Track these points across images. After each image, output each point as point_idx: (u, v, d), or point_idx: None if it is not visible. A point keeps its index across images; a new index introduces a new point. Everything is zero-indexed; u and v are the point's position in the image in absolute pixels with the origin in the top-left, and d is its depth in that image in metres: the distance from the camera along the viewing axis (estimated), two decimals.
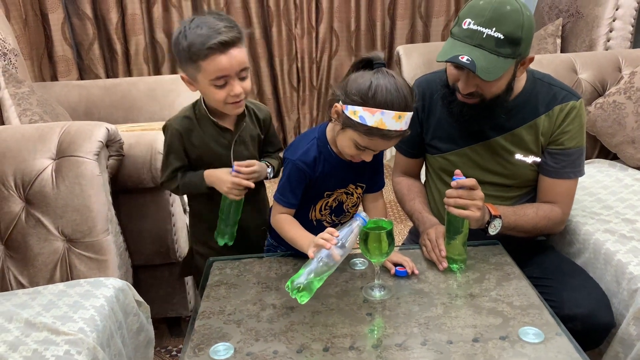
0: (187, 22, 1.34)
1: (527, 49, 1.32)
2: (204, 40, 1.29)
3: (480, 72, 1.27)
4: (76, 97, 2.57)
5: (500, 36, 1.26)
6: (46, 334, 1.27)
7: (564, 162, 1.45)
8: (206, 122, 1.46)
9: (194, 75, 1.36)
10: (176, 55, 1.38)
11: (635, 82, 2.01)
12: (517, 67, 1.36)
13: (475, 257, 1.42)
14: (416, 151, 1.63)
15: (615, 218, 1.65)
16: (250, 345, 1.14)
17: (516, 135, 1.46)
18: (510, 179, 1.50)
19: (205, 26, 1.31)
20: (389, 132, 1.21)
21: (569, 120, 1.43)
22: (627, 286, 1.39)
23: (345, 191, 1.45)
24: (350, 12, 3.65)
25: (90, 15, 3.35)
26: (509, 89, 1.38)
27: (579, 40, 2.71)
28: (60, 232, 1.57)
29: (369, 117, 1.20)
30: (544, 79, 1.48)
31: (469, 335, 1.14)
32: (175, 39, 1.36)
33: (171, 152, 1.48)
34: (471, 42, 1.28)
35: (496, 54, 1.27)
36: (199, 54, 1.31)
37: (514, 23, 1.26)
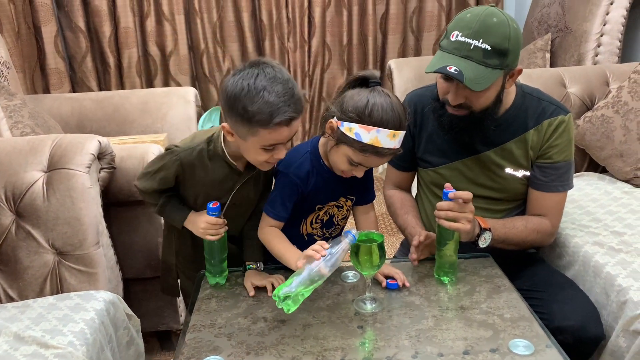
0: (251, 79, 1.21)
1: (514, 61, 1.34)
2: (273, 112, 1.20)
3: (468, 82, 1.28)
4: (68, 110, 2.56)
5: (487, 47, 1.28)
6: (35, 347, 1.26)
7: (553, 176, 1.47)
8: (218, 160, 1.39)
9: (245, 135, 1.26)
10: (228, 107, 1.25)
11: (622, 96, 2.04)
12: (505, 79, 1.37)
13: (466, 269, 1.43)
14: (408, 165, 1.65)
15: (604, 231, 1.67)
16: (241, 359, 1.14)
17: (506, 149, 1.47)
18: (500, 193, 1.51)
19: (274, 93, 1.20)
20: (383, 150, 1.24)
21: (557, 134, 1.45)
22: (616, 298, 1.40)
23: (336, 204, 1.46)
24: (343, 26, 3.68)
25: (83, 28, 3.36)
26: (498, 101, 1.39)
27: (568, 54, 2.75)
28: (50, 245, 1.56)
29: (364, 135, 1.23)
30: (533, 93, 1.50)
31: (460, 347, 1.14)
32: (234, 93, 1.22)
33: (162, 174, 1.39)
34: (459, 53, 1.30)
35: (484, 64, 1.29)
36: (264, 123, 1.21)
37: (501, 34, 1.29)
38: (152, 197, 1.45)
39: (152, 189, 1.42)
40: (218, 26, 3.60)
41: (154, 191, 1.43)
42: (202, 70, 3.66)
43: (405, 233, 1.60)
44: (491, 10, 1.31)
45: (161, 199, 1.44)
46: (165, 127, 2.55)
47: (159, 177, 1.40)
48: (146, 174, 1.42)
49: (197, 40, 3.58)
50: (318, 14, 3.62)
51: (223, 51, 3.67)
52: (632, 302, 1.35)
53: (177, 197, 1.46)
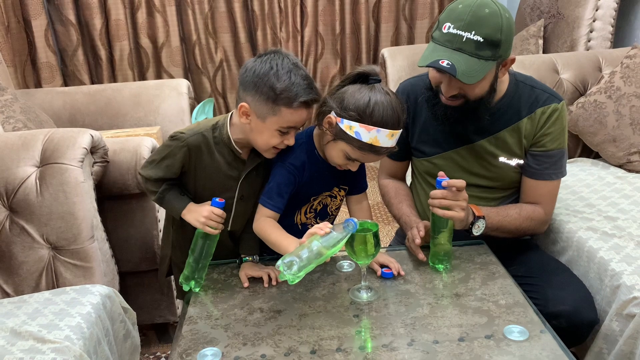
0: (278, 59, 1.29)
1: (507, 51, 1.34)
2: (300, 92, 1.27)
3: (461, 75, 1.28)
4: (60, 104, 2.55)
5: (479, 39, 1.27)
6: (32, 342, 1.26)
7: (546, 164, 1.47)
8: (223, 148, 1.40)
9: (265, 115, 1.29)
10: (253, 86, 1.29)
11: (615, 82, 2.04)
12: (498, 69, 1.37)
13: (461, 257, 1.43)
14: (402, 154, 1.64)
15: (598, 216, 1.68)
16: (238, 350, 1.14)
17: (500, 138, 1.48)
18: (494, 181, 1.52)
19: (299, 76, 1.28)
20: (381, 149, 1.28)
21: (550, 122, 1.45)
22: (610, 283, 1.41)
23: (329, 194, 1.47)
24: (335, 15, 3.66)
25: (74, 21, 3.34)
26: (492, 91, 1.39)
27: (561, 40, 2.74)
28: (45, 240, 1.56)
29: (364, 134, 1.25)
30: (526, 81, 1.50)
31: (455, 334, 1.15)
32: (262, 72, 1.28)
33: (168, 161, 1.39)
34: (451, 46, 1.30)
35: (476, 57, 1.29)
36: (289, 102, 1.27)
37: (493, 26, 1.28)
38: (154, 185, 1.43)
39: (156, 177, 1.41)
40: (210, 17, 3.58)
41: (157, 179, 1.42)
42: (195, 61, 3.64)
43: (400, 222, 1.60)
44: (483, 2, 1.29)
45: (162, 186, 1.43)
46: (158, 119, 2.54)
47: (165, 164, 1.40)
48: (152, 162, 1.42)
49: (188, 32, 3.56)
50: (310, 3, 3.60)
51: (215, 42, 3.65)
52: (625, 286, 1.36)
53: (179, 187, 1.45)
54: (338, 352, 1.12)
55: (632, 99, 2.00)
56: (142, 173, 1.44)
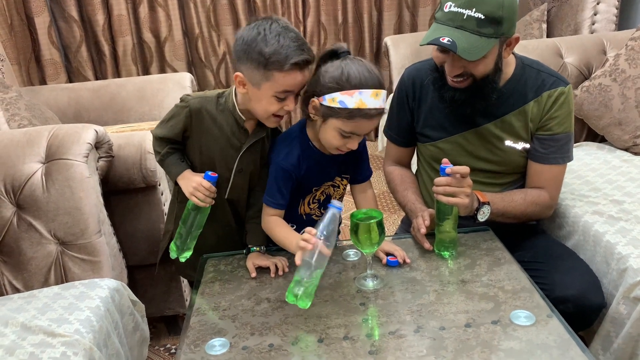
0: (265, 24, 1.27)
1: (510, 29, 1.33)
2: (290, 54, 1.24)
3: (462, 52, 1.28)
4: (65, 101, 2.56)
5: (480, 16, 1.27)
6: (42, 336, 1.27)
7: (552, 148, 1.47)
8: (227, 115, 1.40)
9: (259, 81, 1.29)
10: (243, 54, 1.28)
11: (620, 65, 2.02)
12: (502, 47, 1.36)
13: (466, 243, 1.43)
14: (407, 140, 1.64)
15: (604, 200, 1.67)
16: (246, 340, 1.15)
17: (506, 121, 1.47)
18: (500, 166, 1.51)
19: (288, 38, 1.26)
20: (370, 111, 1.25)
21: (557, 106, 1.44)
22: (616, 266, 1.41)
23: (332, 184, 1.47)
24: (337, 4, 3.64)
25: (77, 17, 3.34)
26: (497, 70, 1.38)
27: (564, 24, 2.72)
28: (52, 235, 1.57)
29: (348, 100, 1.24)
30: (533, 65, 1.49)
31: (462, 320, 1.15)
32: (250, 38, 1.27)
33: (173, 122, 1.42)
34: (453, 24, 1.30)
35: (478, 34, 1.29)
36: (279, 65, 1.25)
37: (494, 3, 1.28)
38: (159, 145, 1.45)
39: (161, 135, 1.44)
40: (212, 10, 3.57)
41: (162, 138, 1.44)
42: (198, 55, 3.64)
43: (406, 209, 1.60)
44: None
45: (165, 148, 1.45)
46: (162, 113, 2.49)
47: (170, 124, 1.43)
48: (160, 123, 1.46)
49: (191, 25, 3.56)
50: None
51: (218, 35, 3.65)
52: (632, 270, 1.36)
53: (182, 153, 1.47)
54: (345, 340, 1.13)
55: (637, 81, 1.99)
56: (152, 132, 1.47)
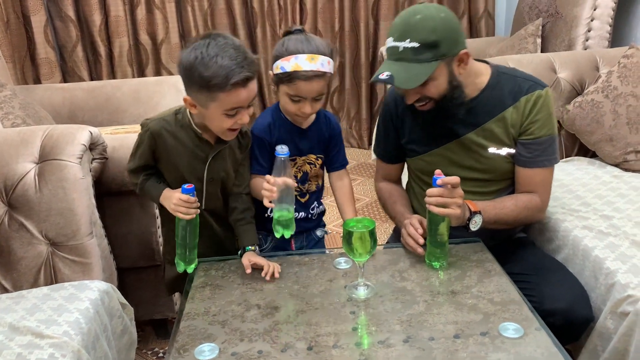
0: (203, 48, 1.28)
1: (452, 48, 1.37)
2: (228, 74, 1.26)
3: (400, 83, 1.35)
4: (59, 100, 2.55)
5: (415, 45, 1.33)
6: (30, 337, 1.27)
7: (537, 151, 1.48)
8: (186, 131, 1.43)
9: (206, 103, 1.32)
10: (186, 78, 1.33)
11: (612, 81, 2.05)
12: (451, 66, 1.40)
13: (457, 254, 1.44)
14: (395, 156, 1.68)
15: (594, 214, 1.69)
16: (235, 346, 1.15)
17: (486, 129, 1.49)
18: (487, 173, 1.53)
19: (226, 57, 1.27)
20: (306, 72, 1.39)
21: (536, 109, 1.46)
22: (605, 281, 1.42)
23: (307, 161, 1.59)
24: (334, 12, 3.67)
25: (73, 17, 3.34)
26: (454, 87, 1.41)
27: (559, 39, 2.75)
28: (43, 236, 1.56)
29: (286, 64, 1.40)
30: (508, 72, 1.53)
31: (451, 331, 1.16)
32: (189, 63, 1.29)
33: (141, 149, 1.45)
34: (393, 57, 1.37)
35: (417, 61, 1.34)
36: (221, 87, 1.27)
37: (426, 29, 1.33)
38: (135, 177, 1.49)
39: (135, 167, 1.47)
40: (209, 14, 3.58)
41: (136, 169, 1.48)
42: None
43: (396, 221, 1.62)
44: (415, 8, 1.37)
45: (141, 177, 1.47)
46: None
47: (139, 153, 1.46)
48: (130, 157, 1.50)
49: (188, 29, 3.57)
50: (310, 0, 3.60)
51: None
52: (620, 285, 1.37)
53: (157, 176, 1.49)
54: (334, 348, 1.13)
55: (629, 98, 2.01)
56: (127, 169, 1.51)
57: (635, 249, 1.49)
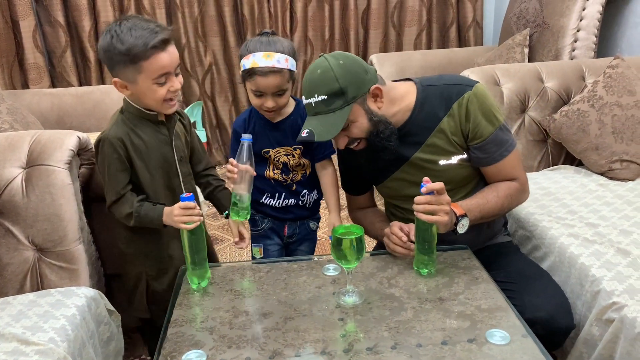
0: (115, 27, 1.34)
1: (359, 89, 1.40)
2: (145, 40, 1.32)
3: (319, 137, 1.40)
4: (48, 105, 2.54)
5: (324, 97, 1.39)
6: (15, 344, 1.25)
7: (493, 148, 1.49)
8: (142, 121, 1.46)
9: (134, 77, 1.36)
10: (108, 61, 1.37)
11: (598, 91, 2.08)
12: (366, 105, 1.43)
13: (445, 261, 1.45)
14: (361, 188, 1.72)
15: (580, 222, 1.71)
16: (223, 352, 1.15)
17: (430, 145, 1.50)
18: (447, 184, 1.50)
19: (139, 28, 1.33)
20: (262, 69, 1.52)
21: (472, 112, 1.46)
22: (590, 288, 1.44)
23: (284, 152, 1.68)
24: (325, 21, 3.69)
25: (63, 22, 3.33)
26: (377, 122, 1.44)
27: (546, 49, 2.79)
28: (30, 242, 1.55)
29: (246, 62, 1.55)
30: (434, 82, 1.53)
31: (438, 338, 1.16)
32: (107, 44, 1.34)
33: (114, 166, 1.43)
34: (311, 113, 1.44)
35: (331, 112, 1.40)
36: (142, 55, 1.33)
37: (327, 81, 1.38)
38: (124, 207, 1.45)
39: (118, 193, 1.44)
40: (199, 21, 3.59)
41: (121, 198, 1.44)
42: (184, 64, 3.64)
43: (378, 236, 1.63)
44: (314, 65, 1.43)
45: (133, 206, 1.44)
46: None
47: (114, 172, 1.43)
48: (106, 189, 1.46)
49: (178, 35, 3.56)
50: (300, 8, 3.62)
51: (205, 46, 3.66)
52: (605, 292, 1.39)
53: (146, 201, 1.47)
54: (323, 355, 1.13)
55: (614, 108, 2.04)
56: (108, 205, 1.47)
57: (620, 257, 1.50)
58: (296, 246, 1.83)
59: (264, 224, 1.78)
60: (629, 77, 2.08)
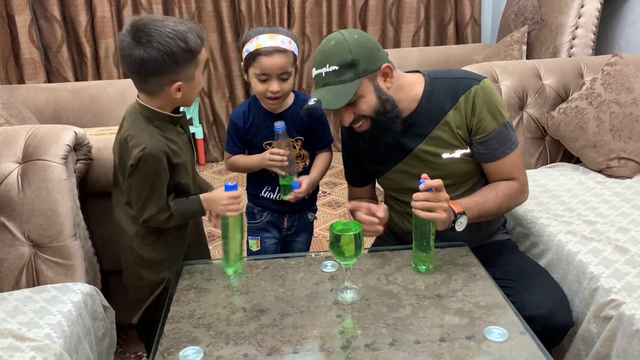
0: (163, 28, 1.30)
1: (370, 64, 1.41)
2: (198, 33, 1.36)
3: (327, 105, 1.40)
4: (44, 101, 2.53)
5: (335, 68, 1.40)
6: (11, 340, 1.25)
7: (496, 144, 1.49)
8: (167, 126, 1.43)
9: (192, 73, 1.39)
10: (172, 64, 1.33)
11: (596, 88, 2.08)
12: (375, 81, 1.43)
13: (443, 258, 1.45)
14: (362, 180, 1.72)
15: (577, 220, 1.71)
16: (220, 349, 1.14)
17: (434, 137, 1.50)
18: (449, 179, 1.52)
19: (179, 24, 1.34)
20: (267, 49, 1.54)
21: (478, 106, 1.46)
22: (588, 285, 1.44)
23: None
24: (322, 17, 3.67)
25: (59, 17, 3.31)
26: (385, 101, 1.44)
27: (544, 47, 2.78)
28: (26, 237, 1.54)
29: (250, 46, 1.57)
30: (443, 75, 1.54)
31: (436, 335, 1.16)
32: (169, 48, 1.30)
33: (161, 180, 1.39)
34: (319, 85, 1.44)
35: (341, 83, 1.40)
36: (199, 49, 1.37)
37: (341, 52, 1.40)
38: (165, 211, 1.41)
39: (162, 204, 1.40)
40: (197, 16, 3.57)
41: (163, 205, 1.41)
42: None
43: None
44: (329, 37, 1.45)
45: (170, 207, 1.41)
46: None
47: (159, 186, 1.39)
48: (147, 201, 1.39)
49: None
50: (297, 4, 3.61)
51: None
52: (603, 289, 1.39)
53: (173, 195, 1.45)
54: (320, 351, 1.13)
55: (612, 105, 2.04)
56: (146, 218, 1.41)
57: (618, 254, 1.50)
58: (293, 238, 1.84)
59: (263, 217, 1.79)
60: (627, 75, 2.08)
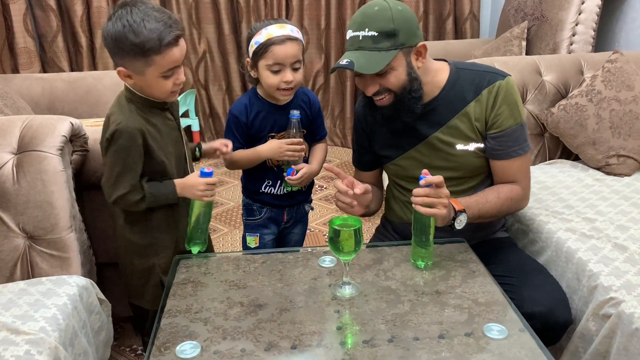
0: (127, 15, 1.29)
1: (410, 39, 1.40)
2: (160, 35, 1.29)
3: (359, 67, 1.36)
4: (39, 91, 2.50)
5: (374, 33, 1.37)
6: (5, 333, 1.23)
7: (509, 142, 1.48)
8: (151, 110, 1.42)
9: (142, 69, 1.34)
10: (116, 49, 1.33)
11: (596, 85, 2.07)
12: (409, 57, 1.42)
13: (442, 254, 1.44)
14: (369, 164, 1.70)
15: (576, 217, 1.70)
16: (217, 344, 1.13)
17: (451, 126, 1.50)
18: (458, 171, 1.52)
19: (152, 19, 1.29)
20: (278, 37, 1.53)
21: (499, 101, 1.46)
22: (587, 283, 1.43)
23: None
24: (321, 10, 3.65)
25: (54, 6, 3.27)
26: (412, 80, 1.42)
27: (544, 43, 2.77)
28: (21, 229, 1.52)
29: (260, 37, 1.54)
30: (467, 67, 1.53)
31: (435, 331, 1.15)
32: (117, 33, 1.29)
33: (132, 158, 1.38)
34: (353, 47, 1.40)
35: (376, 49, 1.37)
36: (155, 50, 1.30)
37: (383, 19, 1.37)
38: (137, 193, 1.41)
39: (133, 183, 1.39)
40: (194, 7, 3.54)
41: (134, 186, 1.39)
42: None
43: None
44: (372, 2, 1.41)
45: (144, 190, 1.41)
46: None
47: (130, 164, 1.38)
48: (118, 179, 1.38)
49: None
50: None
51: (199, 33, 3.61)
52: (602, 287, 1.38)
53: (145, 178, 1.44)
54: (318, 347, 1.12)
55: (612, 102, 2.03)
56: (116, 197, 1.39)
57: (617, 252, 1.50)
58: (290, 230, 1.84)
59: (263, 213, 1.77)
60: (628, 72, 2.07)
